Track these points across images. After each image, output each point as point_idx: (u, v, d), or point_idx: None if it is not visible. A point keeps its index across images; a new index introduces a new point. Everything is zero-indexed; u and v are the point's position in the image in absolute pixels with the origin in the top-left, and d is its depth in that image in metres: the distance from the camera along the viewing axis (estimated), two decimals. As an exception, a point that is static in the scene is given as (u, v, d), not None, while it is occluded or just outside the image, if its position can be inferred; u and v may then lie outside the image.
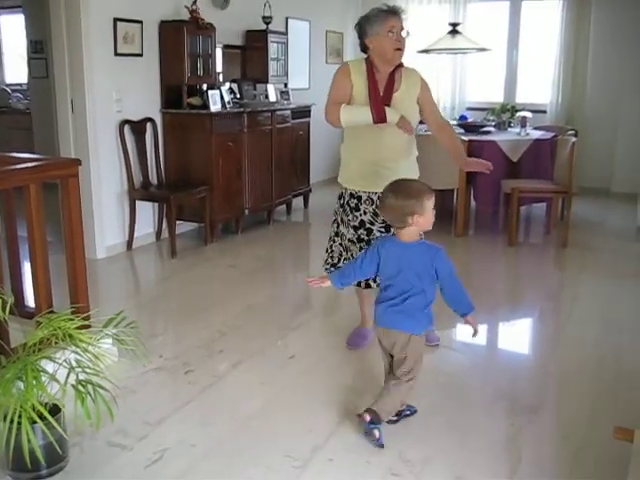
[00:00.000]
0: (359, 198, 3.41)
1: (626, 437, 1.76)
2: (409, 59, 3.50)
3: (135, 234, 5.43)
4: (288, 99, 7.03)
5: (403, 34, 3.27)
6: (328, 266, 3.59)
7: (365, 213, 3.41)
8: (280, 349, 3.60)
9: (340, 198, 3.53)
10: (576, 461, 2.58)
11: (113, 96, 5.19)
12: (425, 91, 3.40)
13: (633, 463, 1.74)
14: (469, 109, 8.29)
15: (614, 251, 5.65)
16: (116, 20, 5.08)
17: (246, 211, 6.09)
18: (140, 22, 5.30)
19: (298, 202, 7.17)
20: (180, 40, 5.46)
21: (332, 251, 3.60)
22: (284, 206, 6.88)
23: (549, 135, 6.42)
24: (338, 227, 3.56)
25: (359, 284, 3.42)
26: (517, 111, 7.08)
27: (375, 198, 3.35)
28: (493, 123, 6.91)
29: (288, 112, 6.66)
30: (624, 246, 5.80)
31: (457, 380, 3.27)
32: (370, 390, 3.08)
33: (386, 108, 3.24)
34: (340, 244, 3.55)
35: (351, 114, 3.27)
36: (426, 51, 7.35)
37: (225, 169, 5.70)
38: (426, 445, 2.67)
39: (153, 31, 5.49)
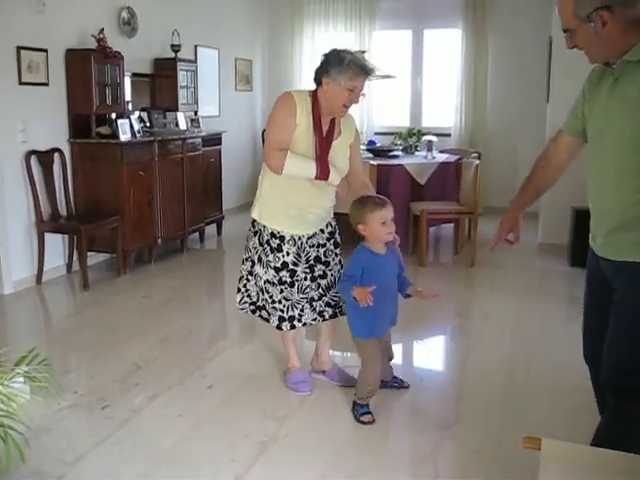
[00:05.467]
0: (282, 238, 3.21)
1: (534, 446, 1.84)
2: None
3: (45, 267, 5.27)
4: (198, 127, 7.03)
5: (360, 95, 3.11)
6: (246, 305, 3.41)
7: (288, 254, 3.20)
8: (198, 379, 3.57)
9: (257, 236, 3.29)
10: (488, 473, 2.68)
11: (18, 126, 5.05)
12: (356, 139, 3.31)
13: (542, 470, 1.82)
14: (377, 134, 8.49)
15: (519, 268, 5.92)
16: (19, 48, 4.96)
17: (159, 240, 6.03)
18: (45, 50, 5.20)
19: (211, 230, 7.15)
20: (87, 69, 5.39)
21: (247, 290, 3.38)
22: (197, 234, 6.85)
23: (454, 158, 6.66)
24: (253, 266, 3.33)
25: (293, 326, 3.28)
26: (423, 135, 7.31)
27: (297, 239, 3.22)
28: (400, 147, 7.10)
29: (199, 140, 6.66)
30: (527, 262, 6.09)
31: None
32: (290, 416, 3.11)
33: (331, 167, 3.09)
34: (255, 284, 3.34)
35: (296, 167, 3.06)
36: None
37: (136, 198, 5.64)
38: (347, 466, 2.72)
39: (59, 60, 5.39)
